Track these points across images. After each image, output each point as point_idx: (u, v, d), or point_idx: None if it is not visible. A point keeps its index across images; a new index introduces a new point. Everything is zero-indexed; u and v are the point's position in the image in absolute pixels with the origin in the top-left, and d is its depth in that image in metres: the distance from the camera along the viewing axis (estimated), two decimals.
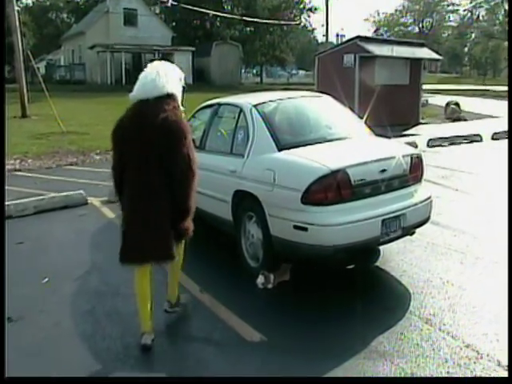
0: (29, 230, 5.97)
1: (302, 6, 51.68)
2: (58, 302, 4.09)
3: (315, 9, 51.10)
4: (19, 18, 18.20)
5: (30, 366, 3.21)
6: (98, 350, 3.36)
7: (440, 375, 2.99)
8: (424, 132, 14.44)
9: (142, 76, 3.38)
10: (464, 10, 70.92)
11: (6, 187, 7.66)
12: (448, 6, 72.44)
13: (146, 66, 3.52)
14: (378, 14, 74.12)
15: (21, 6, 45.78)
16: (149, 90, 3.28)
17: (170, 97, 3.30)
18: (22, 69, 17.66)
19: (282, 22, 44.23)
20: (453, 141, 12.46)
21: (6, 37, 18.26)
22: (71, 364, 3.23)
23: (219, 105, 5.32)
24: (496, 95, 29.61)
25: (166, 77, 3.34)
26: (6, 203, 6.45)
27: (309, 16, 53.38)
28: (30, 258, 5.10)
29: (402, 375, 3.00)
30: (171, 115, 3.22)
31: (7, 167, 9.70)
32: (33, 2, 58.16)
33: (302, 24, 53.58)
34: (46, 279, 4.47)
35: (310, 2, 52.72)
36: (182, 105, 3.45)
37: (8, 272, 4.55)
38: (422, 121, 17.61)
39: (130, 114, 3.33)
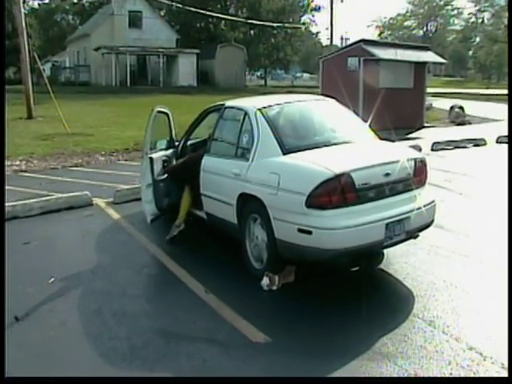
0: (35, 230, 6.02)
1: (307, 8, 51.80)
2: (64, 302, 4.13)
3: (318, 8, 51.37)
4: (26, 20, 18.33)
5: (36, 365, 3.25)
6: (104, 351, 3.40)
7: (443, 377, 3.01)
8: (428, 135, 14.44)
9: None
10: (468, 14, 71.07)
11: (12, 188, 7.73)
12: (452, 9, 72.66)
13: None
14: (381, 21, 74.61)
15: (27, 7, 46.05)
16: None
17: None
18: (28, 70, 17.76)
19: (287, 25, 44.31)
20: (457, 144, 12.44)
21: (13, 38, 18.35)
22: (77, 364, 3.26)
23: (224, 108, 5.35)
24: (500, 99, 29.55)
25: None
26: (13, 203, 6.52)
27: (313, 15, 53.54)
28: (37, 258, 5.15)
29: (406, 376, 3.02)
30: None
31: (13, 168, 9.78)
32: (39, 5, 58.58)
33: (306, 25, 53.69)
34: (53, 279, 4.51)
35: (313, 3, 52.75)
36: None
37: (15, 272, 4.61)
38: (426, 124, 17.60)
39: None
